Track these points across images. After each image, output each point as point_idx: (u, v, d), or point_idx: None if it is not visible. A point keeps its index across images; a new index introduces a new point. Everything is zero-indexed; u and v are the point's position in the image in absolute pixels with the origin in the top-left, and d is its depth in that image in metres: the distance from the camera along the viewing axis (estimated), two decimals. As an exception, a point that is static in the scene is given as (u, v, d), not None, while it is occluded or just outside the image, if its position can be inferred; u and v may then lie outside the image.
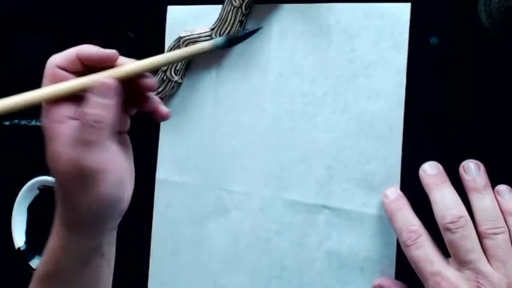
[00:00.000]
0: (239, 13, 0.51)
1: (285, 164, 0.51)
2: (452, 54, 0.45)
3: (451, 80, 0.45)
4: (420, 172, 0.45)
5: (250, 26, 0.52)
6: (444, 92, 0.46)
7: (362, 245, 0.48)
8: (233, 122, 0.54)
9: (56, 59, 0.40)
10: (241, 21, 0.52)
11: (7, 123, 0.66)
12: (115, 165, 0.39)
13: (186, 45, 0.53)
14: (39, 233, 0.62)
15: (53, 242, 0.42)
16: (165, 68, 0.54)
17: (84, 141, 0.37)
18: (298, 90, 0.51)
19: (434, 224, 0.42)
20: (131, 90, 0.41)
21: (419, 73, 0.46)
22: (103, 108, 0.38)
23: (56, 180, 0.39)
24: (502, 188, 0.43)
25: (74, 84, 0.39)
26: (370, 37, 0.48)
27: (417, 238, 0.42)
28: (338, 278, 0.49)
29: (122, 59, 0.41)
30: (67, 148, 0.38)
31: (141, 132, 0.48)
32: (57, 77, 0.39)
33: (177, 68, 0.54)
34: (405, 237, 0.43)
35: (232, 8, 0.51)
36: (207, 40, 0.52)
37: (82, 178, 0.38)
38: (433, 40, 0.46)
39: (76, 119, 0.39)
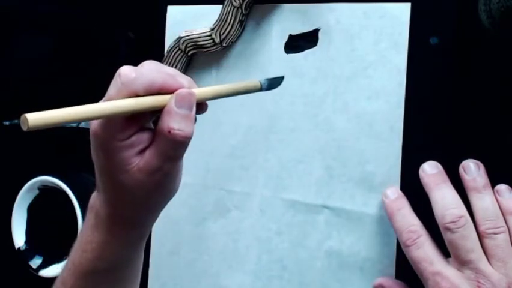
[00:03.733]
0: (239, 13, 0.51)
1: (285, 164, 0.51)
2: (452, 54, 0.45)
3: (451, 80, 0.45)
4: (420, 172, 0.45)
5: (250, 26, 0.52)
6: (444, 91, 0.46)
7: (362, 245, 0.48)
8: (233, 122, 0.54)
9: (138, 85, 0.36)
10: (241, 21, 0.52)
11: (7, 123, 0.65)
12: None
13: (186, 45, 0.53)
14: (39, 233, 0.62)
15: (102, 239, 0.41)
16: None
17: (171, 156, 0.38)
18: (298, 90, 0.51)
19: (434, 224, 0.42)
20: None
21: (419, 73, 0.46)
22: (187, 121, 0.37)
23: (121, 187, 0.38)
24: (502, 187, 0.42)
25: (154, 99, 0.36)
26: (370, 37, 0.48)
27: (417, 238, 0.42)
28: (338, 278, 0.49)
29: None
30: (145, 160, 0.37)
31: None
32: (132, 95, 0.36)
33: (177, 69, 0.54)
34: (405, 237, 0.43)
35: (232, 8, 0.51)
36: (206, 40, 0.52)
37: (160, 184, 0.39)
38: (433, 40, 0.46)
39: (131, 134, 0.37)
